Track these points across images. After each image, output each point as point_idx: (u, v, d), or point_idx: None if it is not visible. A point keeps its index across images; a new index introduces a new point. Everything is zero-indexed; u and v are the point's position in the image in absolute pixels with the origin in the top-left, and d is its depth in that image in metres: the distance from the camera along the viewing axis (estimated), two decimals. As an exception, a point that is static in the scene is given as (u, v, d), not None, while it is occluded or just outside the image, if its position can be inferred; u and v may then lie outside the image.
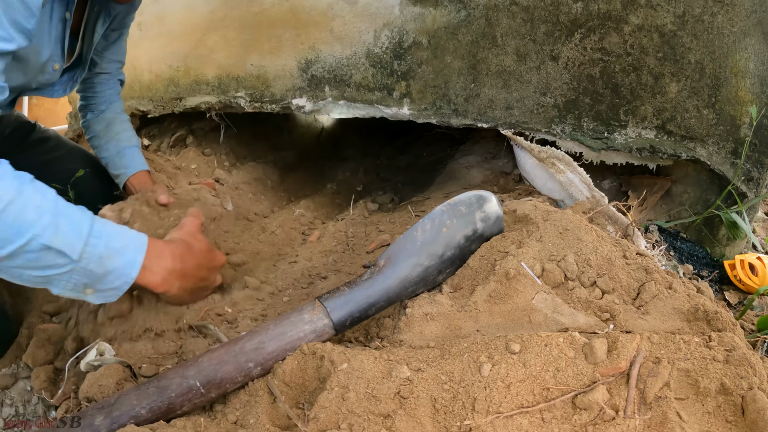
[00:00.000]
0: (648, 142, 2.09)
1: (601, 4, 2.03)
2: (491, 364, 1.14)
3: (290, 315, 1.40)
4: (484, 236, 1.58)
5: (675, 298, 1.44)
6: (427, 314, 1.39)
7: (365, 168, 3.41)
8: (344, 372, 1.21)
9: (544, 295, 1.38)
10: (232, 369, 1.32)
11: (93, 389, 1.49)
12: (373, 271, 1.45)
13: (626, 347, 1.17)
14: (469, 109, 2.24)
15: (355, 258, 2.08)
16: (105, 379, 1.50)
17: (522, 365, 1.13)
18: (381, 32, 2.30)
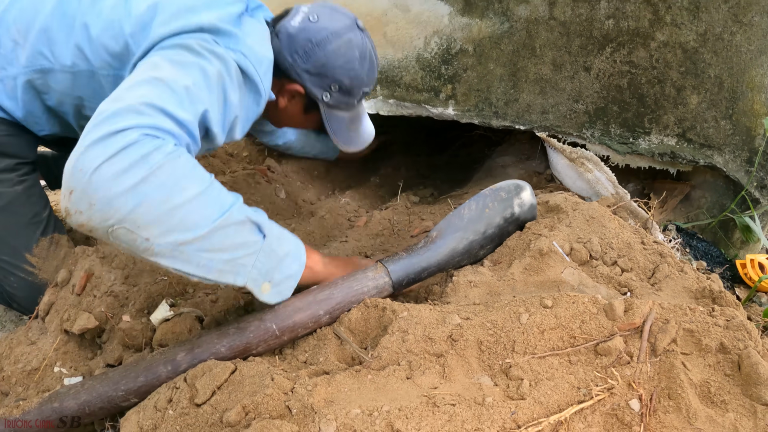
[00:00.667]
0: (669, 148, 2.27)
1: (631, 22, 2.21)
2: (528, 314, 1.35)
3: (356, 273, 1.59)
4: (520, 220, 1.79)
5: (685, 279, 1.64)
6: (471, 282, 1.60)
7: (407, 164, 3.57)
8: (404, 319, 1.41)
9: (572, 270, 1.59)
10: (305, 316, 1.48)
11: (167, 336, 1.67)
12: (426, 241, 1.66)
13: (640, 308, 1.37)
14: (508, 112, 2.43)
15: (401, 241, 2.28)
16: (178, 326, 1.68)
17: (554, 316, 1.35)
18: (431, 39, 2.49)
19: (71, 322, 1.78)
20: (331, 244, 2.33)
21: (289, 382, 1.28)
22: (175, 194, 1.22)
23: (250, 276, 1.37)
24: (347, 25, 1.89)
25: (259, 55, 1.67)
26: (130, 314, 1.80)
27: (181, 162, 1.25)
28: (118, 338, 1.75)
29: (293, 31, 1.85)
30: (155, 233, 1.21)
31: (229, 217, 1.30)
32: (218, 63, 1.52)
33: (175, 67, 1.43)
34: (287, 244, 1.47)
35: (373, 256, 2.15)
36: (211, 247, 1.28)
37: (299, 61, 1.87)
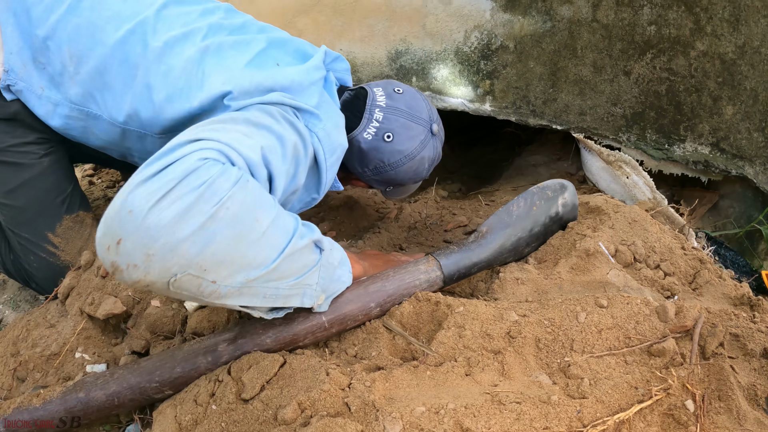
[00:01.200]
0: (703, 156, 2.28)
1: (672, 29, 2.22)
2: (585, 313, 1.37)
3: (407, 265, 1.59)
4: (563, 220, 1.81)
5: (724, 286, 1.67)
6: (518, 279, 1.61)
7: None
8: (461, 314, 1.42)
9: (617, 271, 1.60)
10: (356, 308, 1.45)
11: (203, 324, 1.59)
12: (477, 236, 1.67)
13: (690, 311, 1.39)
14: (546, 111, 2.43)
15: (434, 235, 2.29)
16: (216, 315, 1.60)
17: (610, 316, 1.36)
18: (471, 33, 2.48)
19: (95, 306, 1.70)
20: (363, 235, 2.33)
21: (345, 377, 1.27)
22: (248, 228, 1.10)
23: (314, 294, 1.33)
24: (422, 141, 1.83)
25: (333, 144, 1.60)
26: (160, 299, 1.72)
27: (251, 187, 1.12)
28: (146, 324, 1.68)
29: (365, 147, 1.80)
30: (224, 275, 1.09)
31: (295, 244, 1.22)
32: (296, 135, 1.43)
33: (250, 126, 1.31)
34: (337, 252, 1.43)
35: (408, 249, 2.16)
36: (279, 275, 1.20)
37: (368, 173, 1.88)
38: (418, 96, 1.87)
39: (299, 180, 1.47)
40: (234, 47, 1.64)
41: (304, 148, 1.47)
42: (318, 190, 1.64)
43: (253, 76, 1.55)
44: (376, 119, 1.78)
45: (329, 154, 1.58)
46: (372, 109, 1.79)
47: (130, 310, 1.72)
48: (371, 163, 1.83)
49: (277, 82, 1.56)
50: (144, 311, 1.70)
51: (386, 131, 1.77)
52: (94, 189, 3.05)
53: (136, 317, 1.71)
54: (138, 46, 1.59)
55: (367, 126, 1.78)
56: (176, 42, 1.60)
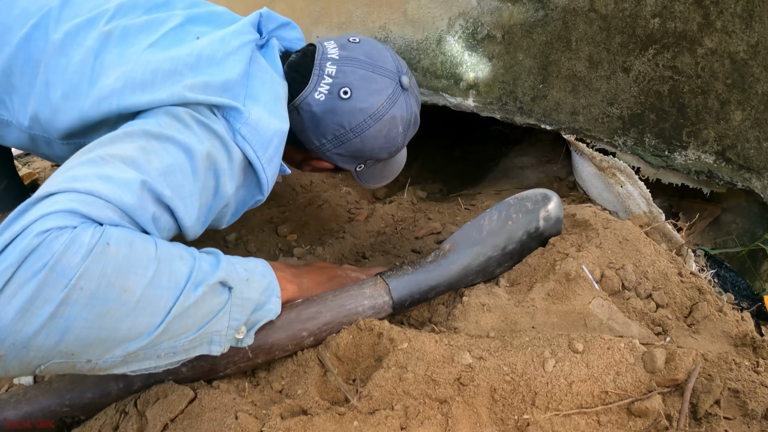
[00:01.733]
0: (706, 166, 2.08)
1: (678, 23, 2.01)
2: (555, 360, 1.15)
3: (350, 288, 1.39)
4: (544, 235, 1.59)
5: (725, 322, 1.45)
6: (484, 305, 1.39)
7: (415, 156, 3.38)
8: (404, 351, 1.21)
9: (601, 300, 1.39)
10: (285, 336, 1.28)
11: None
12: (437, 255, 1.46)
13: (683, 360, 1.18)
14: (534, 108, 2.24)
15: (404, 242, 2.09)
16: None
17: (585, 365, 1.14)
18: (456, 21, 2.29)
19: None
20: (326, 239, 2.14)
21: (256, 422, 1.09)
22: (114, 303, 0.93)
23: (227, 338, 1.14)
24: (389, 96, 1.53)
25: (265, 135, 1.33)
26: None
27: (112, 252, 0.93)
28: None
29: (318, 110, 1.49)
30: (97, 353, 0.95)
31: (186, 299, 1.03)
32: (211, 141, 1.22)
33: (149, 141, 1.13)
34: (257, 282, 1.21)
35: (372, 259, 1.97)
36: (172, 335, 1.03)
37: (328, 146, 1.57)
38: (380, 45, 1.59)
39: (226, 191, 1.27)
40: (144, 29, 1.40)
41: (226, 152, 1.26)
42: (260, 190, 1.40)
43: (150, 61, 1.29)
44: (328, 74, 1.48)
45: (262, 149, 1.33)
46: (322, 64, 1.50)
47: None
48: (329, 131, 1.53)
49: (181, 61, 1.30)
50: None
51: (342, 86, 1.48)
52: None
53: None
54: (41, 40, 1.38)
55: (317, 84, 1.48)
56: (79, 30, 1.37)
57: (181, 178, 1.12)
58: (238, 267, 1.17)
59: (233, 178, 1.28)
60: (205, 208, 1.22)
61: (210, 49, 1.33)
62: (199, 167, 1.17)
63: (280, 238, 2.16)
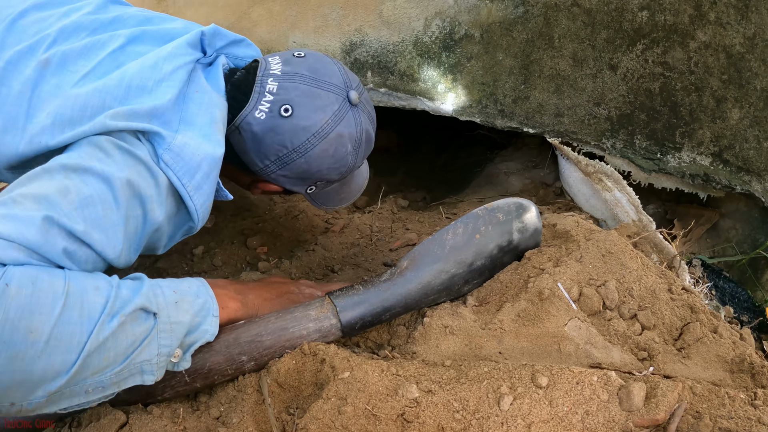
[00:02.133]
0: (702, 169, 1.96)
1: (668, 16, 1.91)
2: (513, 396, 1.01)
3: (295, 309, 1.29)
4: (519, 249, 1.46)
5: (719, 345, 1.32)
6: (447, 327, 1.27)
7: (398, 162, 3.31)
8: (345, 382, 1.10)
9: (579, 322, 1.26)
10: (223, 360, 1.20)
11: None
12: (393, 272, 1.33)
13: (666, 396, 1.05)
14: (516, 111, 2.12)
15: (377, 254, 1.99)
16: None
17: (548, 403, 1.01)
18: (432, 21, 2.19)
19: None
20: (296, 251, 2.03)
21: None
22: (20, 346, 0.89)
23: (158, 365, 1.08)
24: (335, 111, 1.41)
25: (191, 161, 1.23)
26: None
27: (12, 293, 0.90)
28: None
29: (258, 129, 1.38)
30: (18, 396, 0.92)
31: (101, 330, 0.97)
32: (135, 169, 1.15)
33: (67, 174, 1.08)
34: (190, 303, 1.14)
35: (341, 272, 1.85)
36: (94, 370, 0.98)
37: (272, 167, 1.45)
38: (327, 59, 1.48)
39: (155, 217, 1.18)
40: (82, 54, 1.30)
41: (152, 178, 1.17)
42: (191, 217, 1.29)
43: (78, 95, 1.20)
44: (269, 91, 1.38)
45: (187, 176, 1.22)
46: (263, 81, 1.39)
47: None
48: (271, 152, 1.41)
49: (109, 94, 1.21)
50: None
51: (283, 103, 1.37)
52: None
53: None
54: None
55: (258, 102, 1.37)
56: (20, 58, 1.28)
57: (101, 208, 1.07)
58: (165, 290, 1.11)
59: (161, 203, 1.20)
60: (134, 236, 1.16)
61: (140, 78, 1.24)
62: (120, 195, 1.10)
63: (249, 251, 2.06)
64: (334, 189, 1.67)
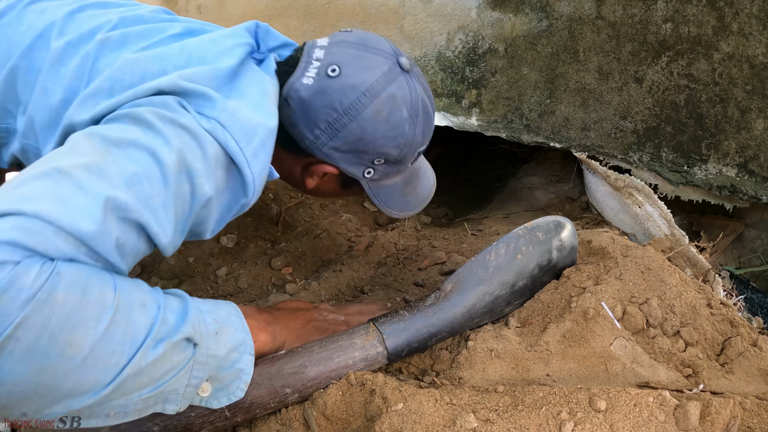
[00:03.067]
0: (729, 180, 1.94)
1: (692, 28, 1.89)
2: (573, 422, 0.99)
3: (339, 337, 1.25)
4: (557, 267, 1.45)
5: (761, 358, 1.31)
6: (492, 350, 1.25)
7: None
8: (399, 413, 1.07)
9: (624, 341, 1.25)
10: (265, 393, 1.16)
11: None
12: (438, 296, 1.31)
13: (720, 413, 1.03)
14: (542, 125, 2.11)
15: (406, 273, 1.96)
16: None
17: (608, 427, 0.99)
18: (455, 35, 2.18)
19: None
20: (322, 272, 2.00)
21: None
22: (56, 359, 0.82)
23: (185, 397, 1.03)
24: (385, 72, 1.32)
25: (247, 125, 1.17)
26: None
27: (59, 300, 0.82)
28: None
29: (306, 94, 1.30)
30: (34, 408, 0.85)
31: (144, 356, 0.91)
32: (181, 139, 1.06)
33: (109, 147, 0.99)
34: (228, 336, 1.09)
35: (372, 293, 1.82)
36: (123, 393, 0.91)
37: (323, 138, 1.35)
38: (375, 34, 1.41)
39: (204, 192, 1.10)
40: (142, 36, 1.31)
41: (199, 148, 1.09)
42: (245, 191, 1.21)
43: (138, 60, 1.20)
44: (317, 58, 1.32)
45: (245, 140, 1.16)
46: (311, 51, 1.33)
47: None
48: (320, 117, 1.32)
49: (170, 62, 1.20)
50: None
51: (330, 63, 1.30)
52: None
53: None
54: (43, 50, 1.31)
55: (305, 70, 1.31)
56: (80, 40, 1.30)
57: (149, 187, 0.98)
58: (207, 317, 1.06)
59: (210, 177, 1.11)
60: (182, 217, 1.07)
61: (200, 49, 1.24)
62: (170, 171, 1.02)
63: (274, 272, 2.03)
64: (397, 186, 1.56)
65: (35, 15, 1.38)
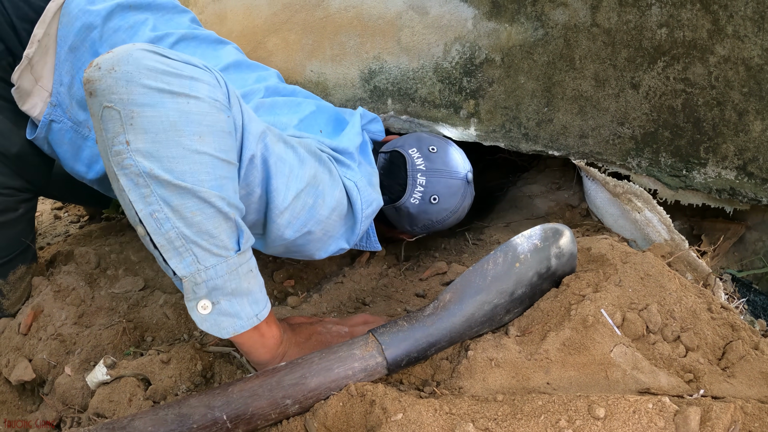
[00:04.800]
0: (728, 183, 1.94)
1: (687, 32, 1.89)
2: (572, 430, 0.99)
3: (338, 348, 1.26)
4: (556, 275, 1.45)
5: (762, 361, 1.30)
6: (492, 360, 1.25)
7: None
8: (398, 424, 1.07)
9: (624, 348, 1.24)
10: (266, 404, 1.18)
11: (104, 405, 1.40)
12: (436, 306, 1.31)
13: (721, 418, 1.03)
14: (540, 134, 2.11)
15: (407, 284, 1.97)
16: (117, 393, 1.42)
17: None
18: (452, 46, 2.19)
19: (9, 368, 1.62)
20: (323, 284, 2.02)
21: None
22: (186, 133, 1.06)
23: (197, 273, 1.14)
24: (463, 194, 1.99)
25: (369, 197, 1.64)
26: (73, 366, 1.57)
27: (219, 117, 1.11)
28: (58, 394, 1.53)
29: (414, 211, 1.93)
30: (139, 144, 1.04)
31: (211, 196, 1.10)
32: (323, 167, 1.48)
33: (281, 143, 1.36)
34: (254, 284, 1.24)
35: (373, 305, 1.84)
36: (179, 207, 1.09)
37: (417, 231, 2.06)
38: (451, 149, 2.01)
39: (320, 213, 1.47)
40: (286, 105, 1.74)
41: (332, 183, 1.49)
42: (349, 239, 1.65)
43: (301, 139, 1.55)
44: (420, 184, 1.91)
45: (366, 205, 1.61)
46: (414, 175, 1.92)
47: (44, 376, 1.63)
48: (420, 224, 1.99)
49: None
50: (56, 379, 1.57)
51: (431, 194, 1.92)
52: (58, 224, 3.10)
53: (51, 383, 1.61)
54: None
55: (412, 192, 1.91)
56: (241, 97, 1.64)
57: (288, 169, 1.34)
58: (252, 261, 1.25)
59: (327, 206, 1.47)
60: (299, 212, 1.41)
61: (343, 144, 1.68)
62: (305, 173, 1.39)
63: (276, 285, 2.04)
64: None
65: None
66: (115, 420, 1.19)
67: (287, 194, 1.33)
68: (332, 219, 1.51)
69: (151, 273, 2.01)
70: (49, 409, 1.52)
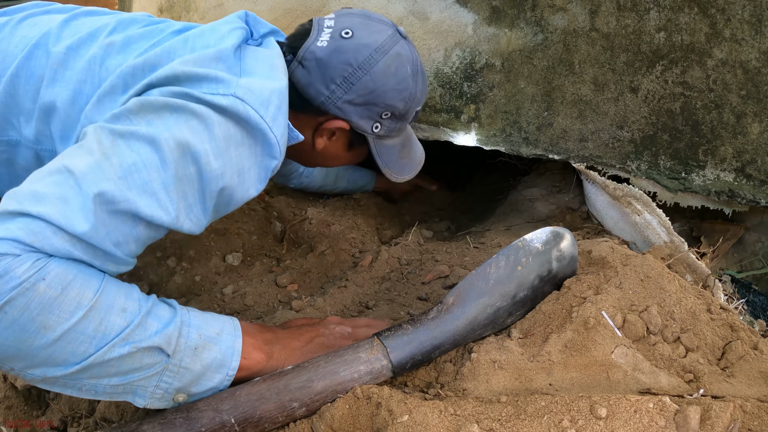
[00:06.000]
0: (727, 185, 1.96)
1: (685, 36, 1.91)
2: (575, 430, 1.01)
3: (344, 352, 1.28)
4: (558, 277, 1.46)
5: (761, 361, 1.32)
6: (495, 362, 1.27)
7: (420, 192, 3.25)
8: (404, 425, 1.08)
9: (625, 349, 1.26)
10: (273, 407, 1.19)
11: (111, 409, 1.41)
12: (440, 309, 1.33)
13: (720, 417, 1.05)
14: (540, 138, 2.13)
15: (410, 288, 1.97)
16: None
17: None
18: (452, 51, 2.20)
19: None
20: (327, 288, 2.02)
21: None
22: (32, 335, 0.98)
23: (153, 397, 1.15)
24: (390, 36, 1.56)
25: (262, 94, 1.29)
26: None
27: (40, 290, 0.97)
28: (64, 399, 1.54)
29: (323, 54, 1.51)
30: (18, 366, 1.02)
31: (110, 351, 1.05)
32: (187, 124, 1.18)
33: (109, 143, 1.12)
34: (210, 353, 1.19)
35: (377, 308, 1.84)
36: (92, 376, 1.06)
37: (339, 92, 1.54)
38: (376, 13, 1.63)
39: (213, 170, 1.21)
40: (144, 37, 1.46)
41: (206, 130, 1.20)
42: (272, 153, 1.34)
43: (148, 57, 1.34)
44: (328, 26, 1.55)
45: (263, 108, 1.28)
46: (320, 22, 1.57)
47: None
48: (337, 73, 1.51)
49: (177, 54, 1.35)
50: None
51: (343, 28, 1.53)
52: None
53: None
54: (42, 57, 1.43)
55: (318, 35, 1.53)
56: (81, 44, 1.44)
57: (146, 173, 1.11)
58: (192, 332, 1.17)
59: (219, 155, 1.21)
60: (193, 197, 1.20)
61: (203, 38, 1.40)
62: (168, 156, 1.14)
63: (280, 289, 2.05)
64: (395, 148, 1.76)
65: (28, 28, 1.50)
66: (123, 424, 1.20)
67: (170, 207, 1.15)
68: (234, 155, 1.27)
69: (155, 278, 2.02)
70: (55, 414, 1.53)
